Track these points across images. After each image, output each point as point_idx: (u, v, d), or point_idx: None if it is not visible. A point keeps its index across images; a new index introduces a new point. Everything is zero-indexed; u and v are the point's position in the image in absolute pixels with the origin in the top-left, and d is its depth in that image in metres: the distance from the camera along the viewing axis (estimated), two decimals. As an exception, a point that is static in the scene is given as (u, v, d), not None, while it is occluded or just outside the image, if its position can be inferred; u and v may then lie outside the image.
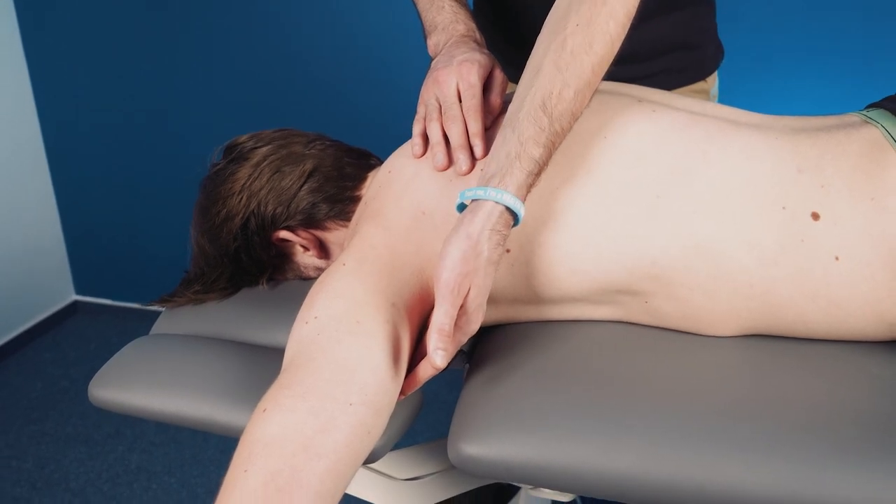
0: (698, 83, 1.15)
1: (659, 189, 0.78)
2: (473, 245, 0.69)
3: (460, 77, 0.85)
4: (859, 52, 1.64)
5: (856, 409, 0.70)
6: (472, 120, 0.83)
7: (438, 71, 0.86)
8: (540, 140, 0.72)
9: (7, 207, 2.32)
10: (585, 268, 0.79)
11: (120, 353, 0.87)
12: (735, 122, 0.84)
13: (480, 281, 0.70)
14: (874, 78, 1.63)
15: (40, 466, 1.89)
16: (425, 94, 0.88)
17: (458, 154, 0.82)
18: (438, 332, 0.69)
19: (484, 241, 0.69)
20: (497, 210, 0.70)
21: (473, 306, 0.71)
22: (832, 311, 0.76)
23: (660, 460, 0.66)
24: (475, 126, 0.83)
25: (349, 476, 0.66)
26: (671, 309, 0.80)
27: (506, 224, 0.71)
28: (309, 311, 0.74)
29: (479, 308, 0.71)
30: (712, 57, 1.17)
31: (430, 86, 0.87)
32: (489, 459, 0.69)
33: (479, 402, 0.73)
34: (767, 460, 0.65)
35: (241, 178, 0.94)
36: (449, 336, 0.69)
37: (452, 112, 0.84)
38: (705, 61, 1.16)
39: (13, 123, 2.31)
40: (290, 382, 0.68)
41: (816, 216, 0.75)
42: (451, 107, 0.84)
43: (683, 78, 1.13)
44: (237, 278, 0.98)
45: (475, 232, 0.69)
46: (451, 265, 0.69)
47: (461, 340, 0.72)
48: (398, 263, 0.77)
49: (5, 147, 2.29)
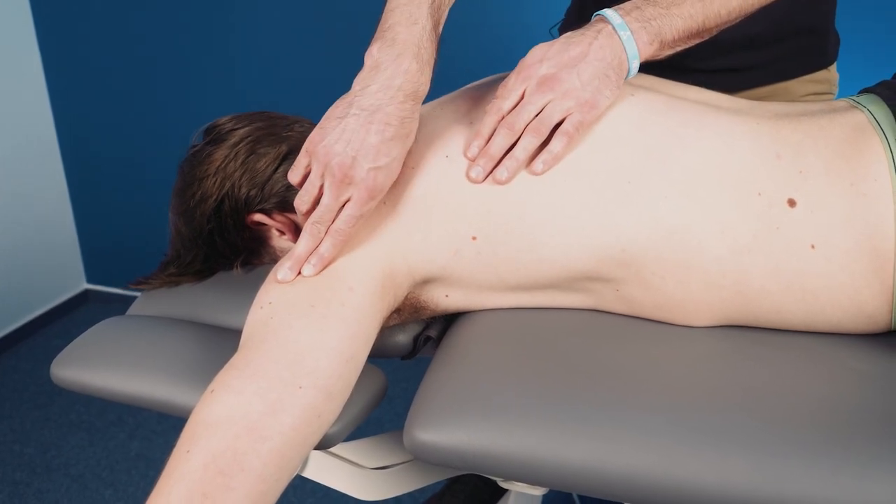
0: (821, 72, 1.06)
1: (631, 174, 0.75)
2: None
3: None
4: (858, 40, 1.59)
5: (829, 403, 0.67)
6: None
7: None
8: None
9: (20, 196, 2.34)
10: (553, 255, 0.76)
11: (86, 334, 0.86)
12: (717, 106, 0.82)
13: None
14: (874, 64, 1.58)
15: (42, 451, 1.91)
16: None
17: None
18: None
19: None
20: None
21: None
22: (808, 300, 0.73)
23: (621, 452, 0.64)
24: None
25: (296, 460, 0.64)
26: (643, 297, 0.77)
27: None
28: (265, 296, 0.73)
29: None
30: (834, 44, 1.08)
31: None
32: (443, 447, 0.67)
33: (439, 388, 0.71)
34: (732, 454, 0.62)
35: (216, 159, 0.93)
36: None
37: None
38: (828, 48, 1.07)
39: (26, 113, 2.33)
40: (240, 364, 0.66)
41: (793, 203, 0.72)
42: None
43: (807, 65, 1.05)
44: (211, 261, 0.97)
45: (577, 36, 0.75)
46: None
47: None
48: (357, 248, 0.75)
49: (18, 137, 2.31)
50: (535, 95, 0.74)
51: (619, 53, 0.75)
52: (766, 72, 0.97)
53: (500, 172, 0.74)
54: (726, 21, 0.79)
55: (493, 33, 1.78)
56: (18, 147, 2.32)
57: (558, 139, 0.74)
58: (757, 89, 1.02)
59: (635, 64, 0.76)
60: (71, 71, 2.33)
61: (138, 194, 2.43)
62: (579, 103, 0.73)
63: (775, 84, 1.03)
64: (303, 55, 2.07)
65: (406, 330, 0.86)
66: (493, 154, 0.75)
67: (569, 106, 0.73)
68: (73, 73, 2.33)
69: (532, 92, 0.74)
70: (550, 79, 0.74)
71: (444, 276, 0.79)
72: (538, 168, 0.74)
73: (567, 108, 0.73)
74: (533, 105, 0.74)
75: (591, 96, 0.73)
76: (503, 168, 0.74)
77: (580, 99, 0.73)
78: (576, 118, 0.74)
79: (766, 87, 1.03)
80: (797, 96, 1.04)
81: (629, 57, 0.75)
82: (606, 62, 0.74)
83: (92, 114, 2.37)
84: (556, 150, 0.74)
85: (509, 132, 0.74)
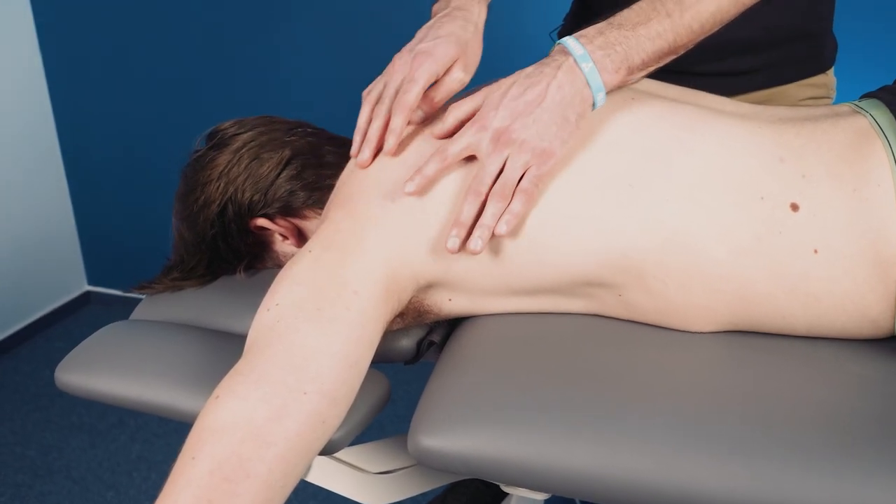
0: (819, 76, 1.05)
1: (632, 178, 0.75)
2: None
3: (410, 69, 0.81)
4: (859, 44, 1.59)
5: (832, 408, 0.67)
6: (395, 115, 0.79)
7: (396, 56, 0.84)
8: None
9: (21, 198, 2.34)
10: (553, 260, 0.76)
11: (90, 339, 0.86)
12: (719, 110, 0.82)
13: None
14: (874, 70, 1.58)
15: (43, 454, 1.91)
16: (385, 74, 0.84)
17: (365, 147, 0.81)
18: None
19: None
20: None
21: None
22: (811, 305, 0.73)
23: (624, 458, 0.64)
24: (395, 121, 0.79)
25: (301, 466, 0.65)
26: (645, 303, 0.77)
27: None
28: (271, 298, 0.73)
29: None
30: (832, 49, 1.07)
31: (389, 67, 0.84)
32: (447, 453, 0.67)
33: (443, 393, 0.72)
34: (733, 459, 0.62)
35: (219, 164, 0.93)
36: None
37: (382, 106, 0.81)
38: (825, 52, 1.06)
39: (27, 114, 2.33)
40: (245, 369, 0.67)
41: (796, 207, 0.72)
42: (384, 100, 0.82)
43: (804, 70, 1.04)
44: (215, 266, 0.97)
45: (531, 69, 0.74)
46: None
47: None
48: (364, 251, 0.75)
49: (19, 138, 2.31)
50: (492, 156, 0.73)
51: (580, 89, 0.73)
52: (762, 76, 0.96)
53: (474, 243, 0.73)
54: (700, 34, 0.76)
55: (493, 38, 1.77)
56: (20, 149, 2.32)
57: (518, 199, 0.73)
58: (753, 93, 1.02)
59: (601, 96, 0.74)
60: (72, 73, 2.33)
61: (139, 196, 2.43)
62: (535, 154, 0.72)
63: (771, 88, 1.03)
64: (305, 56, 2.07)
65: (409, 334, 0.86)
66: (464, 222, 0.74)
67: (526, 160, 0.72)
68: (75, 76, 2.33)
69: (489, 153, 0.73)
70: (505, 132, 0.73)
71: (448, 281, 0.79)
72: (502, 230, 0.73)
73: (525, 161, 0.73)
74: (493, 165, 0.73)
75: (547, 145, 0.72)
76: (476, 238, 0.73)
77: (536, 150, 0.72)
78: (533, 173, 0.73)
79: (762, 91, 1.02)
80: (794, 100, 1.04)
81: (593, 91, 0.73)
82: (565, 103, 0.72)
83: (93, 114, 2.37)
84: (516, 210, 0.73)
85: (475, 199, 0.74)
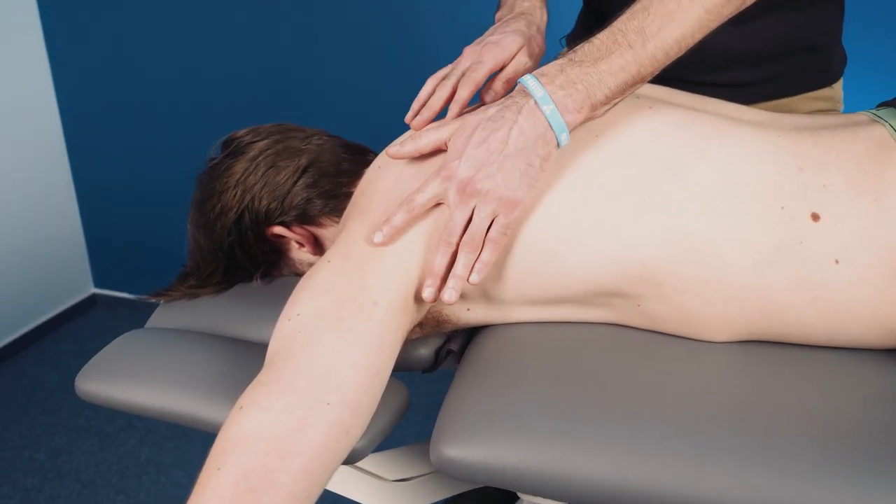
0: (824, 90, 1.04)
1: (650, 187, 0.75)
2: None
3: (478, 55, 0.85)
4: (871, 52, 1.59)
5: (852, 418, 0.67)
6: (462, 88, 0.83)
7: (466, 48, 0.87)
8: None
9: (28, 200, 2.35)
10: (571, 270, 0.77)
11: (109, 347, 0.86)
12: (737, 119, 0.82)
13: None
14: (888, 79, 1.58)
15: (52, 457, 1.91)
16: (454, 63, 0.88)
17: (424, 111, 0.84)
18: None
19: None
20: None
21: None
22: (831, 315, 0.73)
23: (644, 467, 0.64)
24: (461, 93, 0.83)
25: (325, 476, 0.65)
26: (664, 312, 0.77)
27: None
28: (292, 308, 0.73)
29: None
30: (839, 61, 1.06)
31: (458, 58, 0.88)
32: (470, 462, 0.67)
33: (464, 403, 0.72)
34: (756, 469, 0.63)
35: (236, 172, 0.94)
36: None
37: (448, 81, 0.85)
38: (832, 66, 1.04)
39: (34, 118, 2.34)
40: (268, 380, 0.67)
41: (816, 217, 0.72)
42: (451, 77, 0.85)
43: (809, 82, 1.02)
44: (231, 273, 0.97)
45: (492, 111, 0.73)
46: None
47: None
48: (383, 260, 0.75)
49: (26, 141, 2.32)
50: (459, 207, 0.74)
51: (542, 132, 0.72)
52: (764, 88, 0.95)
53: (448, 294, 0.74)
54: (665, 62, 0.74)
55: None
56: (26, 150, 2.32)
57: (487, 249, 0.74)
58: (756, 105, 1.01)
59: (564, 136, 0.73)
60: (79, 75, 2.33)
61: (146, 198, 2.43)
62: (502, 203, 0.73)
63: (775, 101, 1.02)
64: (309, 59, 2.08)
65: (427, 343, 0.86)
66: (437, 272, 0.75)
67: (492, 209, 0.73)
68: (81, 78, 2.33)
69: (456, 203, 0.74)
70: (470, 183, 0.73)
71: (466, 290, 0.80)
72: (475, 279, 0.74)
73: (492, 211, 0.73)
74: (461, 216, 0.74)
75: (512, 194, 0.72)
76: (450, 289, 0.74)
77: (502, 199, 0.73)
78: (500, 222, 0.74)
79: (765, 103, 1.01)
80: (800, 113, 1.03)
81: (556, 132, 0.72)
82: (528, 148, 0.72)
83: (100, 119, 2.37)
84: (486, 259, 0.74)
85: (447, 249, 0.75)
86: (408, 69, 1.95)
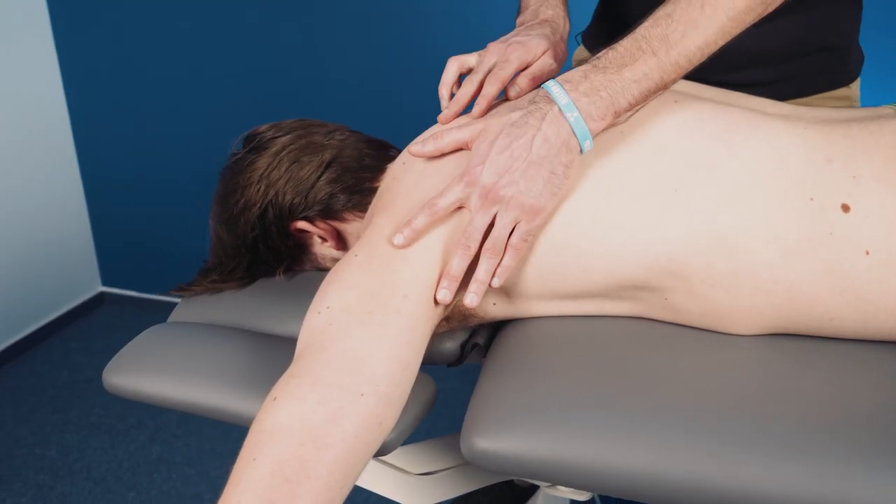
0: (841, 89, 1.03)
1: (678, 182, 0.76)
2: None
3: (504, 54, 0.86)
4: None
5: (881, 411, 0.67)
6: (488, 84, 0.84)
7: (490, 44, 0.89)
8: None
9: (36, 199, 2.35)
10: (598, 265, 0.77)
11: (135, 341, 0.87)
12: (763, 112, 0.82)
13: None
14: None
15: (63, 454, 1.91)
16: (478, 55, 0.91)
17: (453, 105, 0.86)
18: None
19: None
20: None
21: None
22: (861, 307, 0.73)
23: (675, 459, 0.65)
24: (488, 89, 0.84)
25: (359, 467, 0.65)
26: (692, 306, 0.78)
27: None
28: (321, 302, 0.73)
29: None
30: (856, 61, 1.05)
31: (482, 53, 0.90)
32: (502, 454, 0.67)
33: (494, 396, 0.72)
34: (786, 461, 0.63)
35: (259, 167, 0.94)
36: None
37: (475, 76, 0.87)
38: (849, 66, 1.04)
39: (43, 118, 2.34)
40: (301, 372, 0.67)
41: (846, 208, 0.72)
42: (477, 72, 0.87)
43: (824, 82, 1.02)
44: (254, 268, 0.98)
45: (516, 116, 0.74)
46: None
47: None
48: (410, 255, 0.76)
49: (35, 139, 2.32)
50: (481, 212, 0.74)
51: (566, 140, 0.72)
52: (779, 88, 0.95)
53: (470, 299, 0.75)
54: (688, 68, 0.75)
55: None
56: (35, 150, 2.33)
57: (509, 254, 0.75)
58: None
59: (587, 143, 0.73)
60: (88, 74, 2.34)
61: (153, 197, 2.44)
62: (524, 211, 0.73)
63: (791, 101, 1.02)
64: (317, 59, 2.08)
65: (453, 337, 0.87)
66: (454, 275, 0.75)
67: (515, 216, 0.73)
68: (90, 76, 2.34)
69: (478, 208, 0.74)
70: (493, 189, 0.73)
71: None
72: (496, 283, 0.76)
73: (514, 217, 0.73)
74: (481, 221, 0.74)
75: (535, 201, 0.73)
76: (471, 294, 0.75)
77: (525, 206, 0.73)
78: (522, 229, 0.74)
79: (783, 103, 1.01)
80: None
81: (579, 139, 0.72)
82: (551, 156, 0.72)
83: (108, 117, 2.37)
84: (508, 264, 0.75)
85: (465, 252, 0.75)
86: (413, 68, 1.96)
